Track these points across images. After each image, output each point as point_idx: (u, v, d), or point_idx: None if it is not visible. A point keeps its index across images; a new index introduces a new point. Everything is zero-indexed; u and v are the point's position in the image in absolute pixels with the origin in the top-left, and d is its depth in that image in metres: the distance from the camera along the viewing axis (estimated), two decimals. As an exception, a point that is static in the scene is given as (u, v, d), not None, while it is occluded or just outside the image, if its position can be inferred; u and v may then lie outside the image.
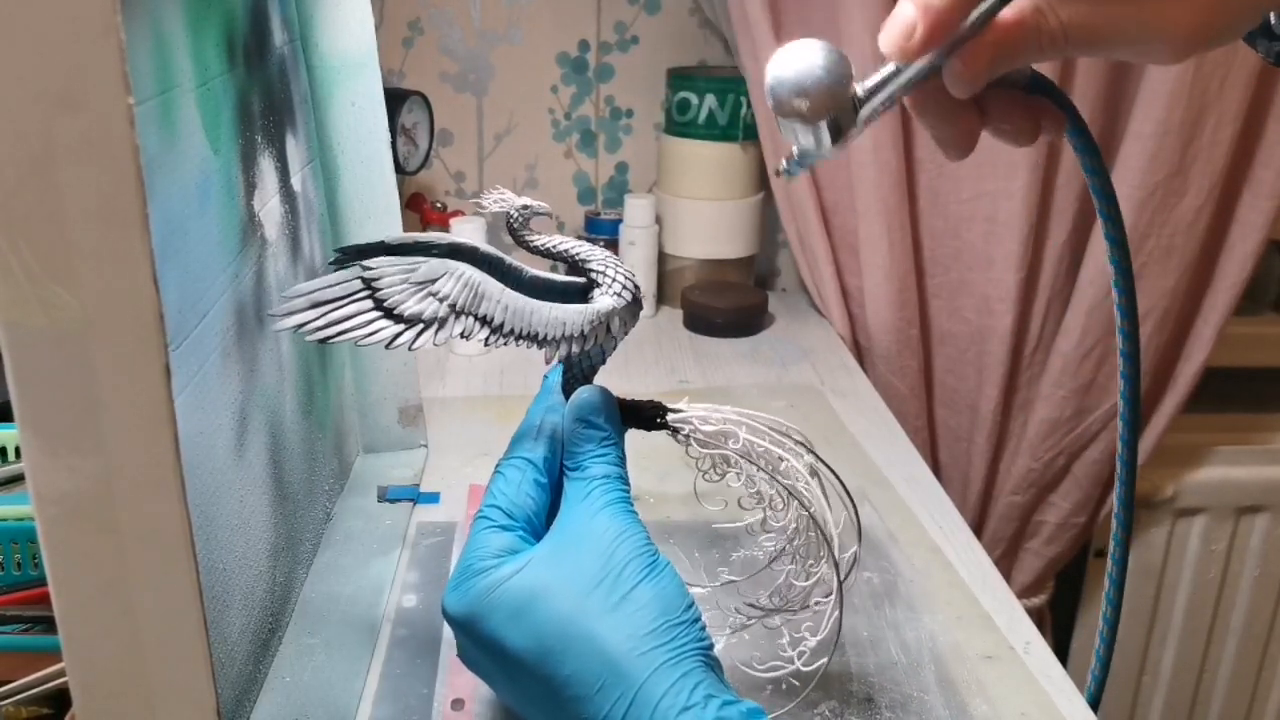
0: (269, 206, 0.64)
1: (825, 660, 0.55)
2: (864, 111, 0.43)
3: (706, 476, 0.55)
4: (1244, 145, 1.09)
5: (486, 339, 0.49)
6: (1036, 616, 1.31)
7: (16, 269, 0.33)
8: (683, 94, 1.20)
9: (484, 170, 1.31)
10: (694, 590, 0.48)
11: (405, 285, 0.48)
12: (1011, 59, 0.42)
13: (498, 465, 0.52)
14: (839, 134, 0.43)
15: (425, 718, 0.59)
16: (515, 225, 0.54)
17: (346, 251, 0.50)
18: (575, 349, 0.50)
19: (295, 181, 0.70)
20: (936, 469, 1.26)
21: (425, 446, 0.87)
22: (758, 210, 1.25)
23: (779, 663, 0.57)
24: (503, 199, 0.54)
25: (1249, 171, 1.11)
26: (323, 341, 0.47)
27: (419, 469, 0.85)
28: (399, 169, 1.09)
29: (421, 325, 0.48)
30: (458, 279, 0.49)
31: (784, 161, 0.47)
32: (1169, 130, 1.05)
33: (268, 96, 0.65)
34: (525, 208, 0.54)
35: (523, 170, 1.31)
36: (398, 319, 0.47)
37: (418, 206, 1.23)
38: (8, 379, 0.34)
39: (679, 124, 1.21)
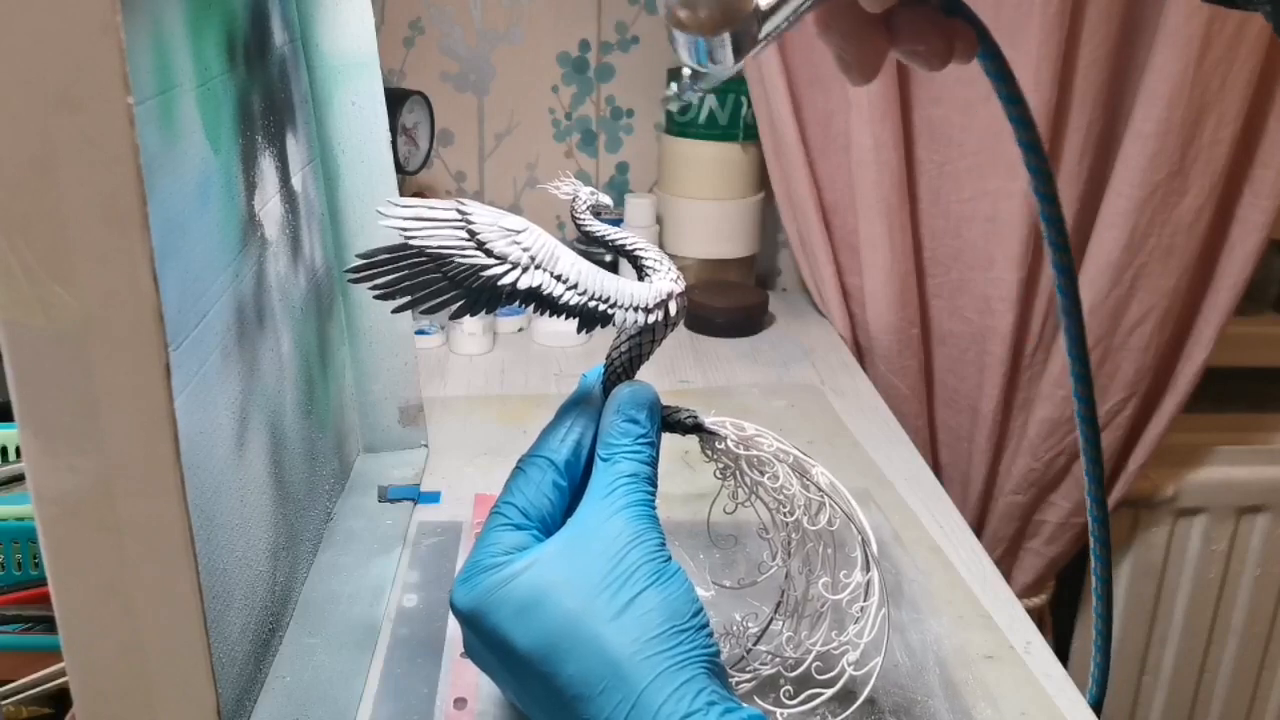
0: (269, 206, 0.64)
1: (879, 660, 0.54)
2: (767, 26, 0.41)
3: (735, 494, 0.55)
4: (1244, 145, 1.09)
5: (560, 296, 0.49)
6: (1037, 616, 1.31)
7: (16, 269, 0.33)
8: (683, 94, 1.20)
9: (484, 170, 1.31)
10: (699, 593, 0.48)
11: (495, 226, 0.49)
12: None
13: (520, 461, 0.52)
14: (738, 51, 0.41)
15: (426, 717, 0.59)
16: (578, 211, 0.56)
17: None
18: (641, 319, 0.51)
19: (296, 181, 0.70)
20: (937, 469, 1.26)
21: (426, 446, 0.87)
22: (758, 210, 1.25)
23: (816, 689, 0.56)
24: (572, 184, 0.56)
25: (1249, 171, 1.11)
26: (420, 251, 0.47)
27: (420, 468, 0.85)
28: (399, 169, 1.09)
29: (510, 265, 0.48)
30: (538, 236, 0.50)
31: (673, 86, 0.45)
32: (1169, 130, 1.05)
33: (268, 96, 0.65)
34: (592, 194, 0.56)
35: (524, 170, 1.31)
36: (488, 254, 0.48)
37: (418, 206, 1.23)
38: (8, 379, 0.34)
39: (679, 124, 1.21)
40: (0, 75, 0.32)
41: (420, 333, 1.10)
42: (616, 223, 1.23)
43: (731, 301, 1.19)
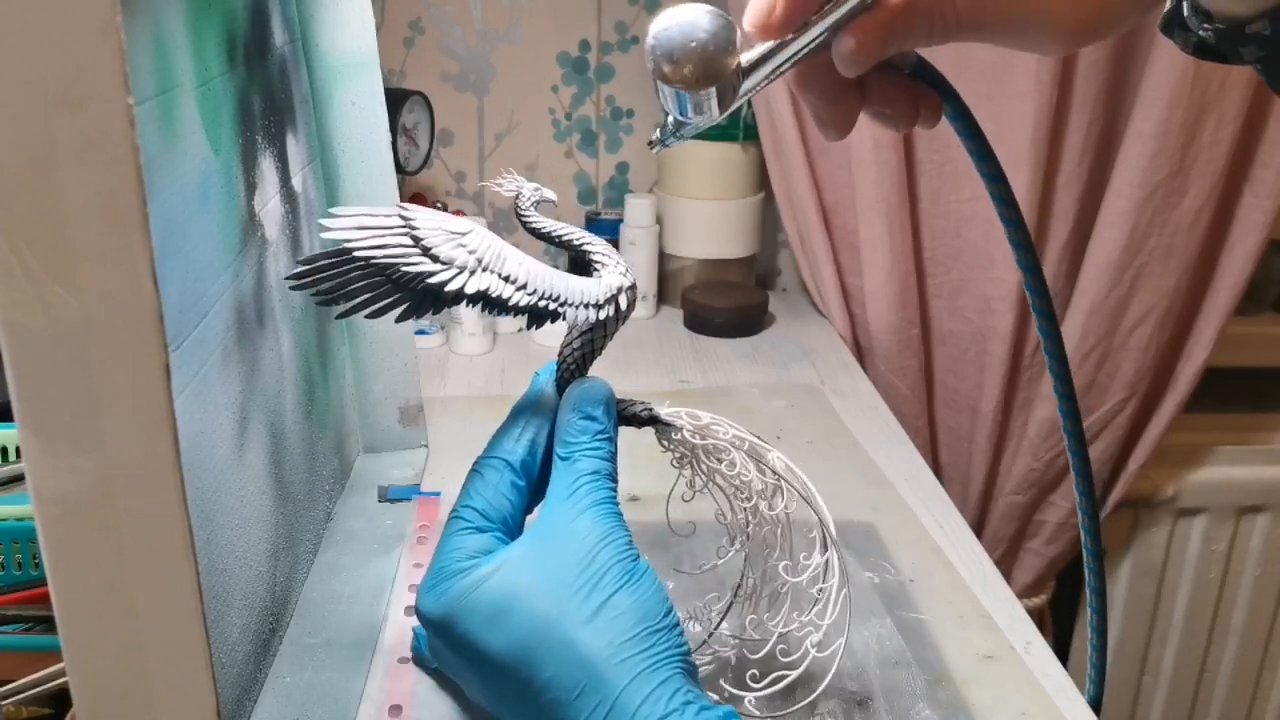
0: (269, 206, 0.64)
1: (842, 641, 0.54)
2: (746, 84, 0.43)
3: (691, 483, 0.55)
4: (1244, 145, 1.09)
5: (509, 297, 0.49)
6: (1036, 616, 1.31)
7: (16, 269, 0.33)
8: (683, 94, 1.20)
9: (485, 170, 1.31)
10: (681, 578, 0.48)
11: (439, 230, 0.49)
12: (903, 39, 0.42)
13: (475, 463, 0.52)
14: (721, 104, 0.43)
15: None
16: (522, 207, 0.56)
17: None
18: (592, 315, 0.51)
19: (296, 181, 0.70)
20: (937, 469, 1.26)
21: (426, 446, 0.87)
22: (758, 210, 1.25)
23: (783, 671, 0.56)
24: (515, 181, 0.56)
25: (1249, 171, 1.11)
26: (365, 262, 0.47)
27: (420, 469, 0.85)
28: (400, 169, 1.09)
29: (456, 269, 0.48)
30: (484, 238, 0.50)
31: (657, 131, 0.46)
32: (1169, 130, 1.05)
33: (268, 96, 0.65)
34: (536, 190, 0.56)
35: (524, 170, 1.31)
36: (433, 259, 0.48)
37: (418, 206, 1.23)
38: (8, 379, 0.34)
39: (679, 124, 1.21)
40: (0, 75, 0.32)
41: (420, 333, 1.10)
42: (616, 223, 1.23)
43: (731, 301, 1.19)
